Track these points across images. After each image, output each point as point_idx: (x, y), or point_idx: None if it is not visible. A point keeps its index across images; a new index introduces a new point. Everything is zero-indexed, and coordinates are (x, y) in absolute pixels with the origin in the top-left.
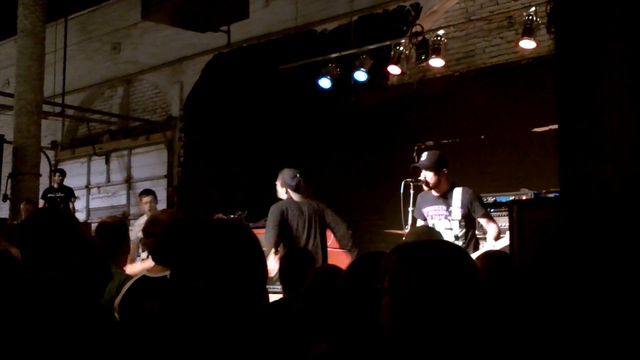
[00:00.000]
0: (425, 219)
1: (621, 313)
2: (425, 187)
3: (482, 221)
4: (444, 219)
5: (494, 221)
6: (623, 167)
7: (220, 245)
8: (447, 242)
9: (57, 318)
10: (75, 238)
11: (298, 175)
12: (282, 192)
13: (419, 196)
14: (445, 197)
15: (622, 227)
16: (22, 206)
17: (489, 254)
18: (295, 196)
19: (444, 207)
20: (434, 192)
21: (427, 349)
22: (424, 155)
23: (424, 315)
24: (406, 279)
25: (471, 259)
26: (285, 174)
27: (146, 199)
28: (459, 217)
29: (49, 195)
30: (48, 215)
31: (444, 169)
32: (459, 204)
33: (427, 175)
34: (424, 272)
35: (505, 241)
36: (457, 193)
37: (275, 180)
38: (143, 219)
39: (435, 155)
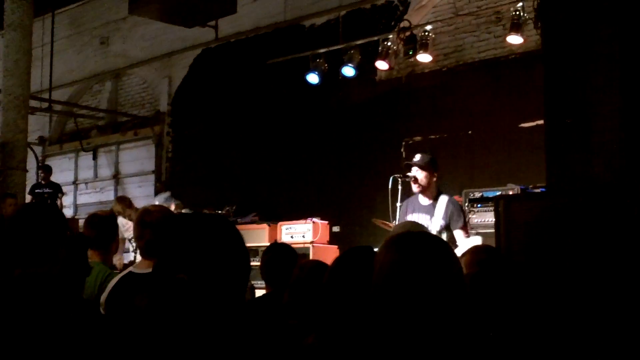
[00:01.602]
0: None
1: (609, 306)
2: (413, 185)
3: (457, 233)
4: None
5: (468, 236)
6: (611, 161)
7: (203, 240)
8: (430, 234)
9: (45, 313)
10: (63, 233)
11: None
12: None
13: (406, 201)
14: (430, 206)
15: (609, 220)
16: (5, 201)
17: (479, 248)
18: None
19: (428, 217)
20: (420, 199)
21: (412, 339)
22: (418, 156)
23: (408, 304)
24: (390, 267)
25: (452, 249)
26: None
27: (127, 211)
28: (439, 228)
29: (36, 191)
30: (36, 209)
31: (436, 173)
32: (442, 214)
33: (419, 174)
34: (408, 260)
35: (472, 242)
36: (443, 202)
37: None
38: (121, 220)
39: (429, 157)
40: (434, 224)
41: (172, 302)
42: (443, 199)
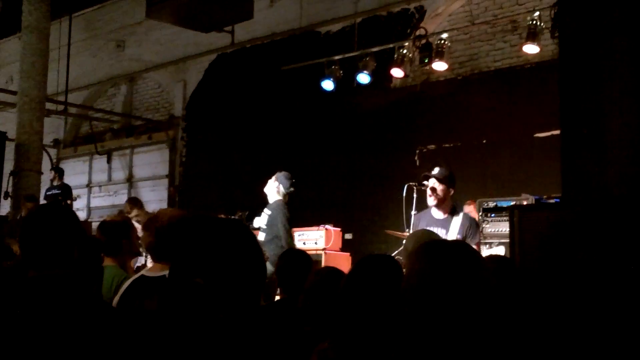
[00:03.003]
0: None
1: (622, 317)
2: (430, 197)
3: None
4: None
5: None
6: (626, 171)
7: (219, 244)
8: (457, 242)
9: (60, 315)
10: (77, 234)
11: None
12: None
13: (415, 217)
14: (445, 220)
15: (624, 231)
16: (23, 203)
17: (491, 257)
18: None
19: (443, 231)
20: (433, 213)
21: (438, 344)
22: (437, 169)
23: (436, 312)
24: (419, 277)
25: (481, 256)
26: (285, 178)
27: (134, 212)
28: None
29: (48, 193)
30: (50, 211)
31: (452, 188)
32: (457, 230)
33: (438, 187)
34: (438, 269)
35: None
36: (458, 219)
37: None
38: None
39: (448, 171)
40: (449, 238)
41: (188, 306)
42: (459, 215)
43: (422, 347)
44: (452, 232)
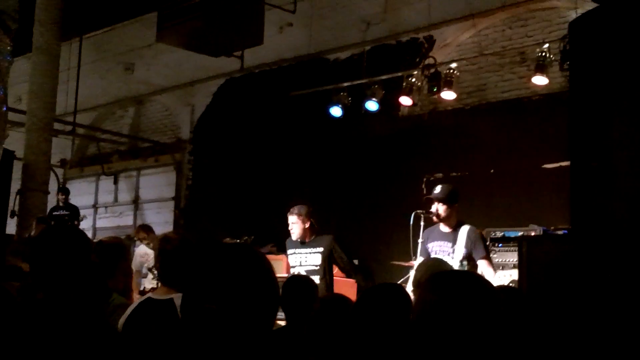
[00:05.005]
0: (428, 255)
1: (629, 348)
2: (435, 219)
3: (481, 263)
4: (447, 256)
5: (492, 266)
6: (635, 205)
7: (233, 269)
8: (469, 273)
9: (68, 338)
10: (87, 257)
11: None
12: (302, 227)
13: (426, 231)
14: (451, 234)
15: (633, 266)
16: (34, 225)
17: (499, 289)
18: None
19: (449, 245)
20: (441, 227)
21: None
22: (438, 188)
23: (448, 343)
24: (430, 308)
25: (492, 286)
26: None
27: (143, 236)
28: (461, 257)
29: (54, 213)
30: (61, 233)
31: (455, 204)
32: (464, 243)
33: (440, 208)
34: (449, 301)
35: (499, 280)
36: (464, 231)
37: (289, 213)
38: (143, 248)
39: (449, 188)
40: (456, 252)
41: (202, 332)
42: (464, 228)
43: None
44: (459, 245)
